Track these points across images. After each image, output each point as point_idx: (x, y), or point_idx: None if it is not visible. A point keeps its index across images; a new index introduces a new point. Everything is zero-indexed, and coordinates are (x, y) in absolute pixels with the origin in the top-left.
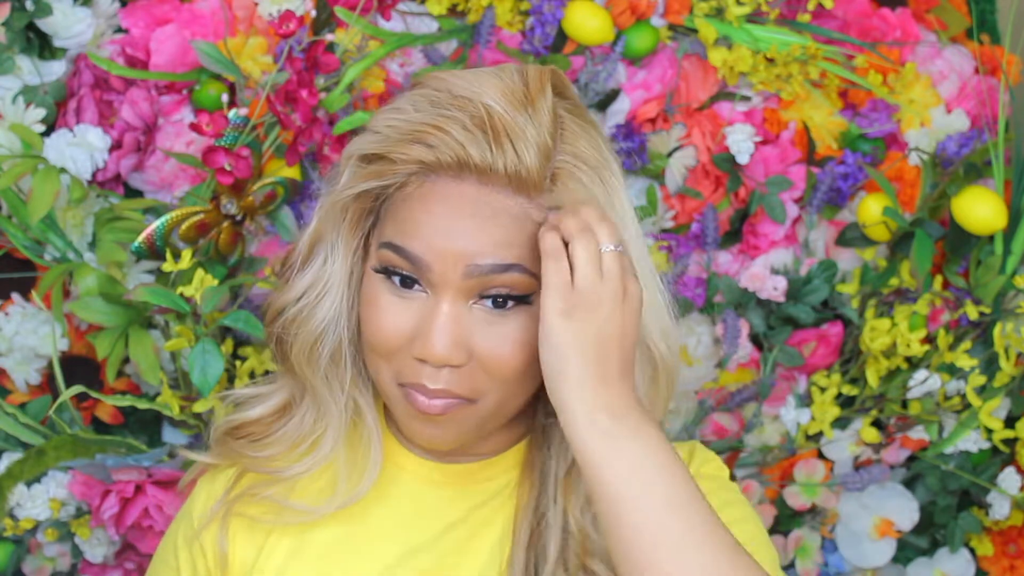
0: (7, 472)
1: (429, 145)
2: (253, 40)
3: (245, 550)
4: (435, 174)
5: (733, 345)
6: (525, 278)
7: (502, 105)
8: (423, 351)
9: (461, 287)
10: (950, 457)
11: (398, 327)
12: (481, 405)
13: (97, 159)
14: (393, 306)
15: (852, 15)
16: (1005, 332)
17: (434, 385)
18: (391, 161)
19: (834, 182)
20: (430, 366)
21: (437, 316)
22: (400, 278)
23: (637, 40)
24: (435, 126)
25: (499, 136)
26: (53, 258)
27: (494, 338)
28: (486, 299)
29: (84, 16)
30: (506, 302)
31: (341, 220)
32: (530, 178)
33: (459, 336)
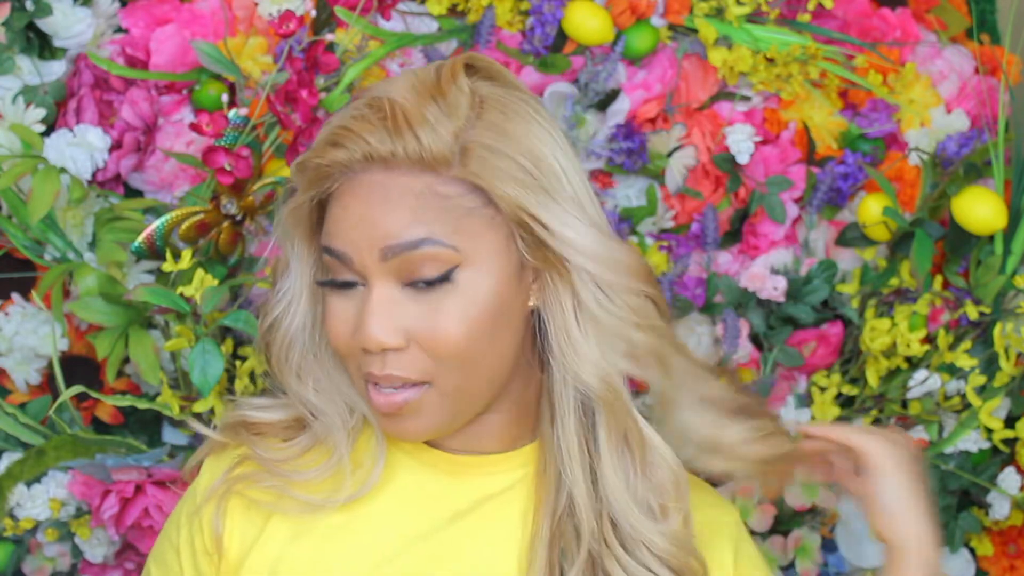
0: (7, 472)
1: (342, 145)
2: (253, 40)
3: (244, 531)
4: (351, 171)
5: (733, 345)
6: (440, 250)
7: (406, 97)
8: (360, 339)
9: (383, 271)
10: (950, 457)
11: (345, 326)
12: (438, 389)
13: (97, 159)
14: (339, 307)
15: (852, 15)
16: (1005, 332)
17: (380, 371)
18: (316, 167)
19: (834, 182)
20: (374, 355)
21: (368, 304)
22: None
23: (637, 40)
24: (343, 127)
25: (398, 124)
26: (53, 258)
27: (428, 317)
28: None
29: (84, 16)
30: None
31: (293, 233)
32: (434, 156)
33: (391, 319)
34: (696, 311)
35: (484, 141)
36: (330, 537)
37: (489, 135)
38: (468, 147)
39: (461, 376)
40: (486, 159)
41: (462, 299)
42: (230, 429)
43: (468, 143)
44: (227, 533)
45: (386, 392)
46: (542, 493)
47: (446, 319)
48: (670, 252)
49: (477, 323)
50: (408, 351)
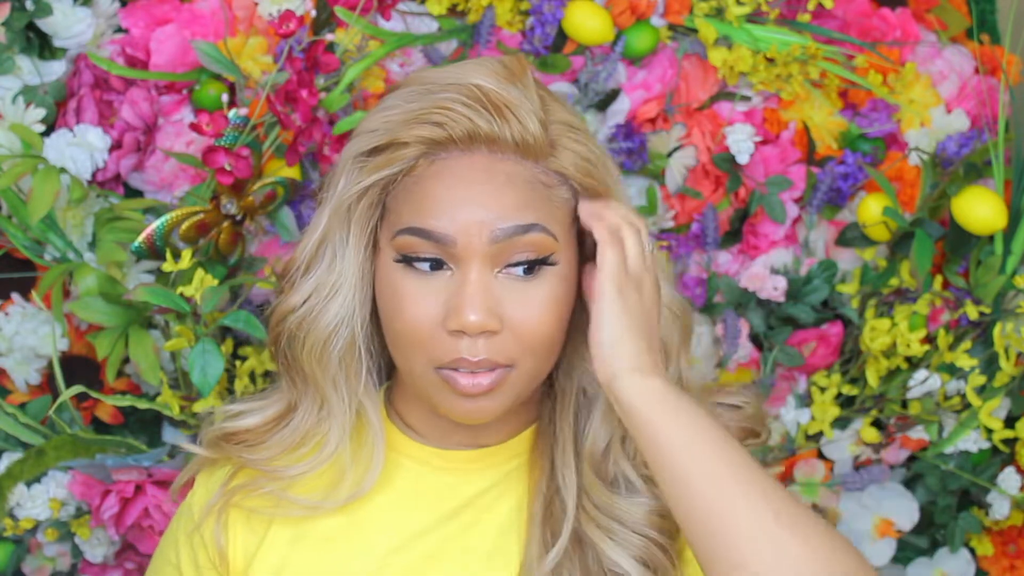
0: (7, 472)
1: (436, 123)
2: (253, 40)
3: (246, 540)
4: (445, 151)
5: (733, 345)
6: (546, 238)
7: (492, 83)
8: (458, 322)
9: (487, 255)
10: (950, 457)
11: (428, 310)
12: (519, 372)
13: (97, 159)
14: (420, 292)
15: (852, 15)
16: (1005, 332)
17: (475, 356)
18: (398, 146)
19: (834, 182)
20: (467, 338)
21: (467, 286)
22: (425, 263)
23: (637, 40)
24: (437, 106)
25: (500, 108)
26: (53, 258)
27: (524, 303)
28: (511, 267)
29: (84, 16)
30: (532, 267)
31: (348, 219)
32: (536, 144)
33: (490, 303)
34: (696, 311)
35: (563, 134)
36: (331, 539)
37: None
38: (555, 139)
39: (540, 361)
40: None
41: (553, 288)
42: (214, 444)
43: (554, 135)
44: (230, 545)
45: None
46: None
47: (540, 307)
48: (670, 252)
49: (562, 311)
50: (500, 335)
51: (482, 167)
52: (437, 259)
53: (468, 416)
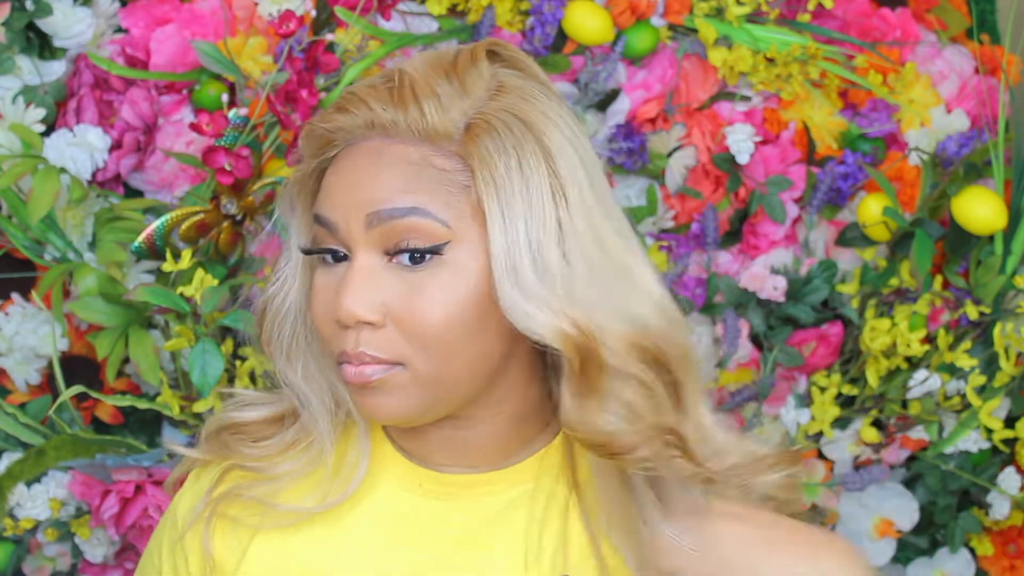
0: (7, 472)
1: (346, 110)
2: (253, 40)
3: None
4: (353, 138)
5: (733, 345)
6: (429, 223)
7: (419, 70)
8: (336, 312)
9: (368, 239)
10: (950, 457)
11: (325, 304)
12: (413, 373)
13: (97, 159)
14: (323, 284)
15: (852, 15)
16: (1005, 332)
17: (352, 349)
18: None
19: (834, 182)
20: (350, 330)
21: (348, 274)
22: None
23: (637, 40)
24: (351, 93)
25: (404, 94)
26: (53, 258)
27: (409, 295)
28: (398, 255)
29: (84, 16)
30: (418, 257)
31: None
32: (434, 130)
33: (370, 292)
34: (696, 311)
35: (492, 123)
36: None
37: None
38: (473, 125)
39: (437, 363)
40: (489, 142)
41: (447, 281)
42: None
43: (474, 121)
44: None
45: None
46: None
47: (427, 300)
48: (670, 252)
49: (458, 309)
50: (384, 330)
51: (374, 150)
52: (335, 250)
53: (371, 413)
